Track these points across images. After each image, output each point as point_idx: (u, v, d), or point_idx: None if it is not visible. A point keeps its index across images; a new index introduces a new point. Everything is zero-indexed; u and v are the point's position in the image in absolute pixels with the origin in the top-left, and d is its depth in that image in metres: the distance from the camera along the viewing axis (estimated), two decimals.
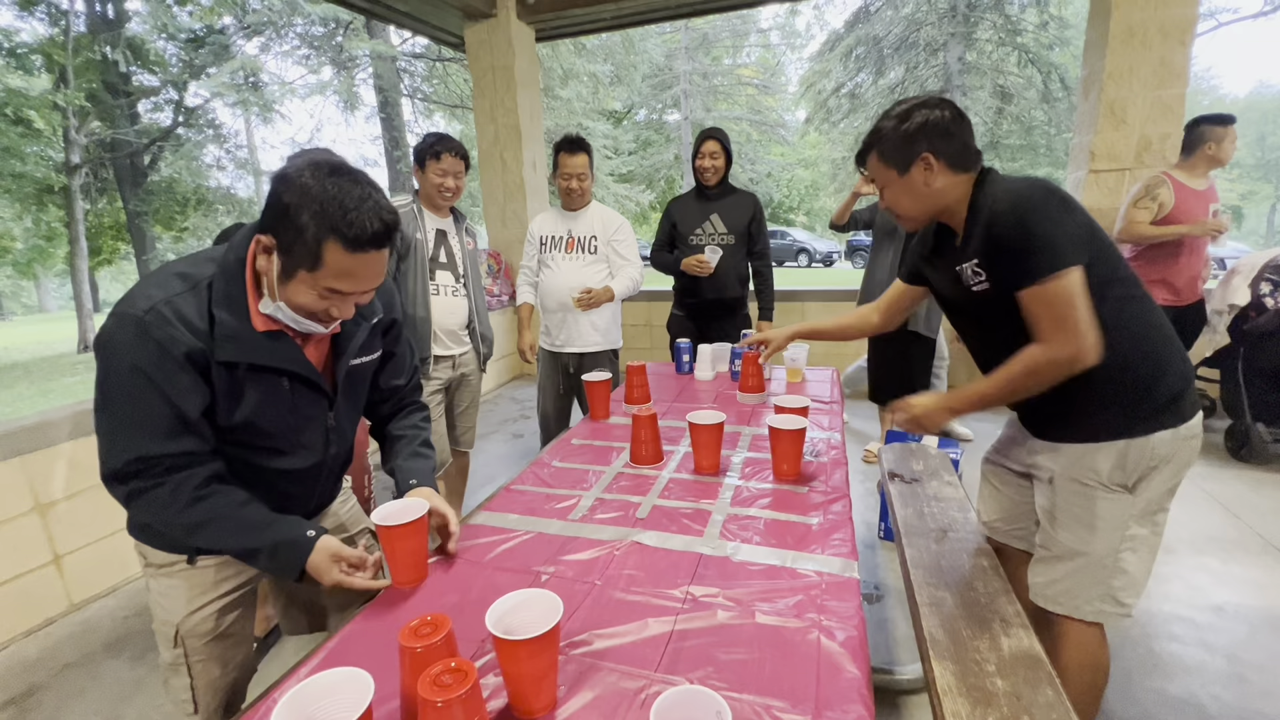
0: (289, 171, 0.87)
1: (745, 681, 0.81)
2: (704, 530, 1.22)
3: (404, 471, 1.22)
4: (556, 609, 0.78)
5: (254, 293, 0.95)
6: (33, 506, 2.13)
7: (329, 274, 0.89)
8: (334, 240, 0.86)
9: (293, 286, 0.91)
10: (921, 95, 1.24)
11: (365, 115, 14.80)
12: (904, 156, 1.19)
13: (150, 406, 0.89)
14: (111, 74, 12.53)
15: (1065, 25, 14.52)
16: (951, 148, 1.17)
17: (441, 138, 2.08)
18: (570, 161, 2.42)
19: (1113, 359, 1.11)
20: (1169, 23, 3.40)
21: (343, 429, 1.15)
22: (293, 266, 0.89)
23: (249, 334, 0.93)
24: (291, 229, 0.86)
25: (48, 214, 13.34)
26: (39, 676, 1.92)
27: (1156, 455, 1.14)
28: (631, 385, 2.00)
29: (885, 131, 1.22)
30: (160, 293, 0.89)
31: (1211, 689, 1.67)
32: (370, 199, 0.88)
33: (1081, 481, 1.19)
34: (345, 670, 0.71)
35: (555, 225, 2.58)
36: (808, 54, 21.07)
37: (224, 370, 0.93)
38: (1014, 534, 1.47)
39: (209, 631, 1.10)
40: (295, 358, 0.99)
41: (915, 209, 1.24)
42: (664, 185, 21.16)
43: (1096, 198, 3.72)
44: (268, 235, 0.89)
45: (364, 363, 1.15)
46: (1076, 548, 1.21)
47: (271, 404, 0.99)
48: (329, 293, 0.91)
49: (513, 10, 4.67)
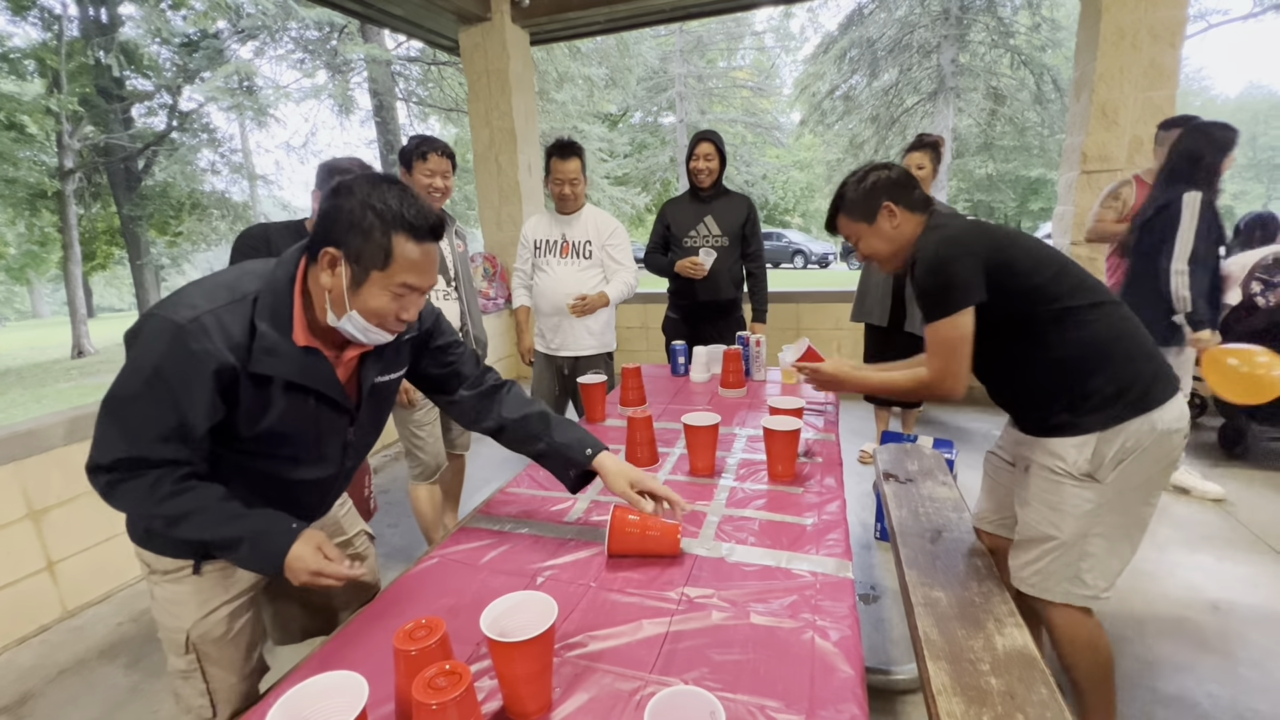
0: (344, 184, 0.93)
1: (740, 682, 0.81)
2: (699, 531, 1.23)
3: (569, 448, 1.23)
4: (551, 611, 0.78)
5: (301, 310, 0.97)
6: (26, 513, 2.12)
7: (401, 268, 0.92)
8: (402, 234, 0.91)
9: (366, 291, 0.93)
10: (869, 163, 1.46)
11: (360, 119, 14.76)
12: (869, 209, 1.39)
13: (158, 411, 0.89)
14: (105, 78, 12.48)
15: (1057, 27, 14.59)
16: (904, 196, 1.38)
17: (426, 139, 2.08)
18: (563, 166, 2.41)
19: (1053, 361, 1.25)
20: (1159, 25, 3.43)
21: (360, 444, 1.16)
22: (364, 270, 0.92)
23: (289, 349, 0.95)
24: (359, 234, 0.90)
25: (41, 219, 13.27)
26: (33, 684, 1.90)
27: (1126, 448, 1.20)
28: (627, 387, 2.00)
29: (848, 194, 1.42)
30: (206, 303, 0.90)
31: (1206, 686, 1.67)
32: (416, 198, 0.94)
33: (1051, 469, 1.27)
34: (340, 674, 0.71)
35: (549, 229, 2.57)
36: (802, 56, 21.16)
37: (254, 384, 0.94)
38: (1003, 524, 1.51)
39: (221, 636, 1.10)
40: (326, 377, 1.01)
41: (887, 250, 1.41)
42: (659, 188, 21.18)
43: (1089, 198, 3.74)
44: (333, 248, 0.92)
45: (390, 380, 1.15)
46: (1047, 532, 1.28)
47: (295, 418, 1.00)
48: (403, 289, 0.94)
49: (507, 14, 4.67)
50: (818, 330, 4.74)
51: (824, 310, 4.70)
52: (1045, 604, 1.31)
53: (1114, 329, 1.26)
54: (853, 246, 1.48)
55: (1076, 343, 1.24)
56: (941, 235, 1.29)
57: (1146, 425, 1.20)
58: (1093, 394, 1.23)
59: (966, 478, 2.93)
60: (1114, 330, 1.26)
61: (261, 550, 0.97)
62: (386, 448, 3.88)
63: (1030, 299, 1.24)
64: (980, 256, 1.24)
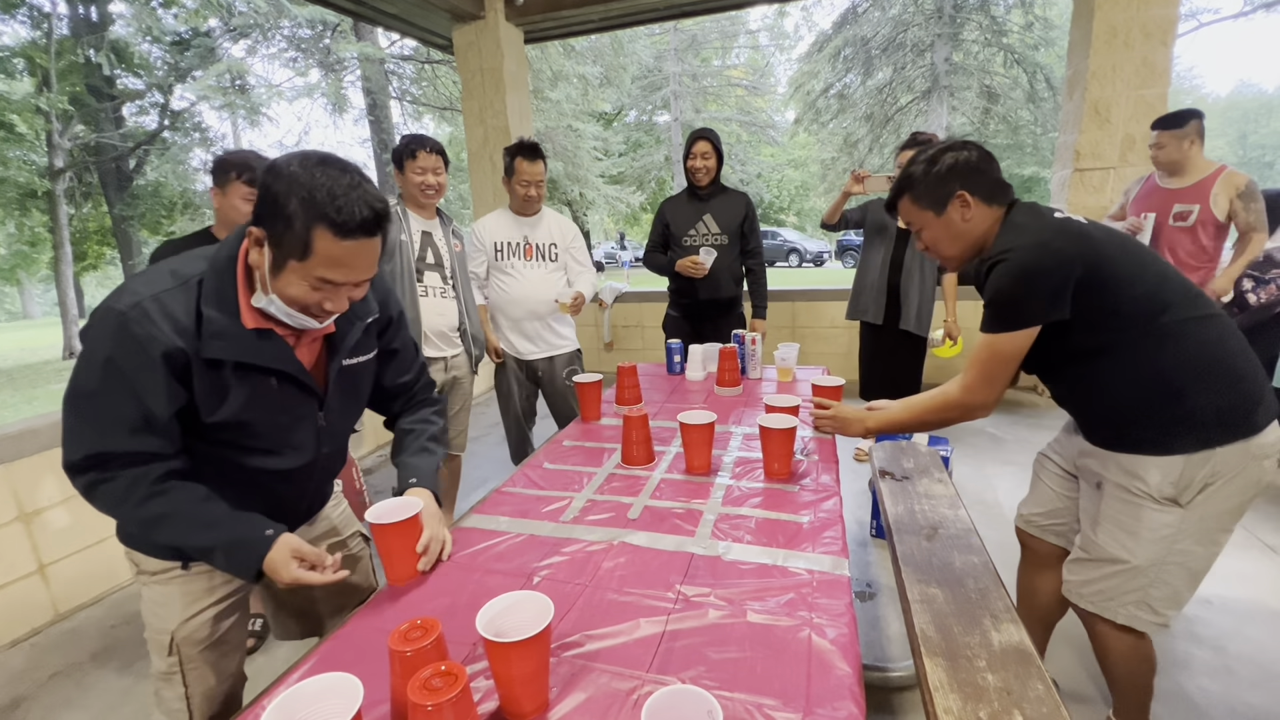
0: (278, 162, 0.88)
1: (737, 680, 0.81)
2: (695, 530, 1.23)
3: (406, 468, 1.22)
4: (547, 611, 0.78)
5: (245, 289, 0.94)
6: (17, 515, 2.10)
7: (319, 263, 0.88)
8: (323, 227, 0.86)
9: (284, 278, 0.90)
10: (945, 140, 1.29)
11: (354, 118, 14.72)
12: (940, 196, 1.23)
13: (117, 403, 0.88)
14: (95, 77, 12.36)
15: (1050, 26, 14.65)
16: (983, 184, 1.21)
17: (417, 137, 2.09)
18: (531, 168, 2.37)
19: (1151, 376, 1.13)
20: (1150, 23, 3.45)
21: (335, 429, 1.13)
22: (283, 257, 0.88)
23: (238, 331, 0.92)
24: (280, 219, 0.86)
25: (31, 219, 13.16)
26: (25, 688, 1.89)
27: (1215, 472, 1.11)
28: (623, 386, 2.00)
29: (916, 176, 1.25)
30: (147, 289, 0.88)
31: (1199, 681, 1.68)
32: (360, 187, 0.88)
33: (1130, 490, 1.18)
34: (335, 675, 0.71)
35: (509, 230, 2.50)
36: (796, 55, 21.17)
37: (208, 368, 0.92)
38: (1051, 529, 1.47)
39: (205, 639, 1.09)
40: (284, 356, 0.98)
41: (955, 246, 1.27)
42: (655, 186, 21.15)
43: (1082, 196, 3.76)
44: (259, 228, 0.89)
45: (358, 363, 1.13)
46: (1118, 555, 1.20)
47: (260, 403, 0.98)
48: (320, 283, 0.90)
49: (501, 12, 4.66)
50: (813, 328, 4.75)
51: (819, 308, 4.71)
52: (1098, 617, 1.26)
53: (1225, 344, 1.13)
54: (914, 233, 1.33)
55: (1181, 358, 1.11)
56: (1036, 240, 1.13)
57: (1239, 450, 1.10)
58: (1192, 414, 1.11)
59: (962, 474, 2.94)
60: (1225, 346, 1.13)
61: (237, 560, 0.96)
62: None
63: (1132, 309, 1.12)
64: (1074, 268, 1.10)
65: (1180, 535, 1.15)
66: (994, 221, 1.23)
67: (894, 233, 2.96)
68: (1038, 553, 1.52)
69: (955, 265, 1.31)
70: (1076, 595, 1.30)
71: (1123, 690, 1.34)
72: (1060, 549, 1.46)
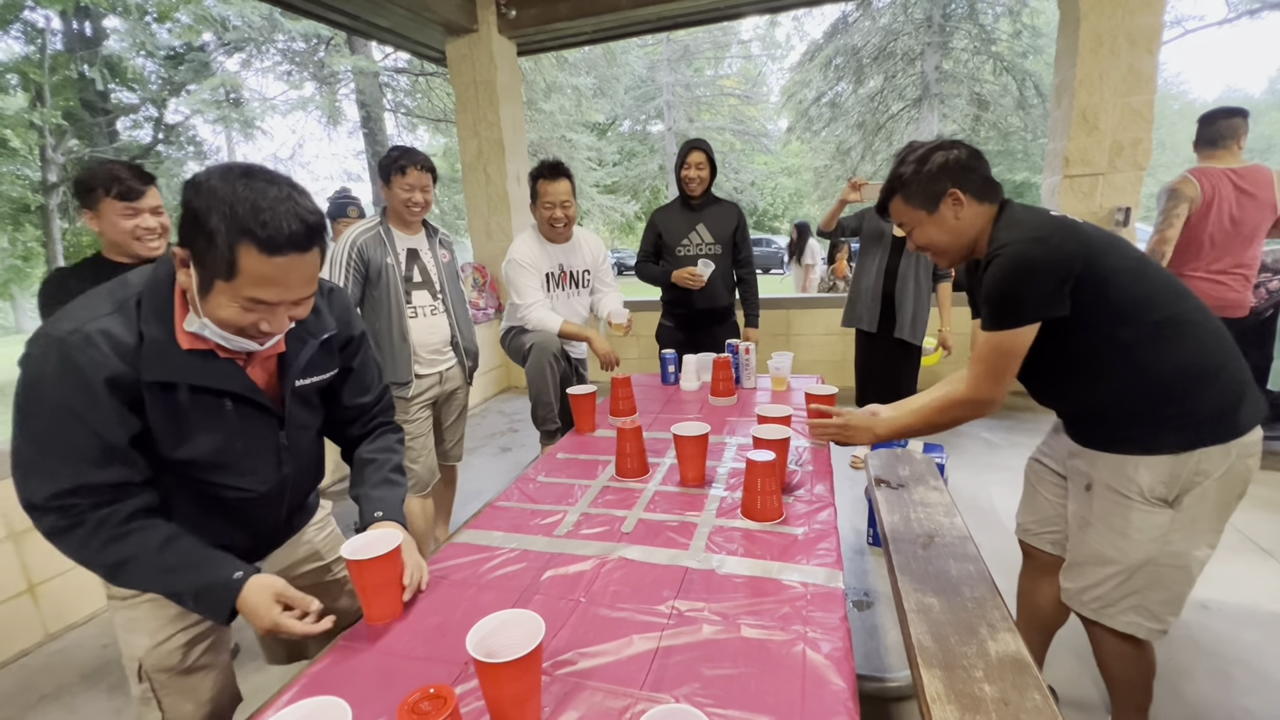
0: (198, 177, 0.82)
1: (731, 697, 0.80)
2: (689, 543, 1.22)
3: (370, 501, 1.14)
4: (538, 630, 0.77)
5: (181, 309, 0.89)
6: (6, 534, 2.07)
7: (247, 282, 0.82)
8: (247, 244, 0.80)
9: (214, 299, 0.84)
10: (933, 140, 1.29)
11: (348, 130, 14.70)
12: (930, 194, 1.23)
13: (71, 435, 0.83)
14: (89, 92, 12.40)
15: (1038, 34, 14.82)
16: (974, 181, 1.22)
17: (406, 151, 2.02)
18: (553, 188, 2.28)
19: (1149, 377, 1.13)
20: (1136, 31, 3.49)
21: (297, 448, 1.09)
22: (209, 278, 0.83)
23: (175, 352, 0.87)
24: (202, 235, 0.80)
25: (24, 233, 13.12)
26: (12, 711, 1.86)
27: (1202, 471, 1.12)
28: (616, 397, 1.99)
29: (907, 176, 1.25)
30: (86, 314, 0.84)
31: (1196, 686, 1.68)
32: (289, 199, 0.82)
33: (1120, 492, 1.18)
34: (323, 699, 0.70)
35: (546, 258, 2.41)
36: (788, 64, 21.33)
37: (159, 393, 0.88)
38: (1045, 536, 1.47)
39: (175, 666, 1.05)
40: (232, 376, 0.93)
41: (948, 244, 1.27)
42: (649, 195, 21.23)
43: (1072, 202, 3.79)
44: (182, 248, 0.83)
45: (313, 383, 1.07)
46: (1110, 556, 1.20)
47: (215, 427, 0.94)
48: (252, 304, 0.84)
49: (494, 25, 4.69)
50: (808, 336, 4.76)
51: (814, 316, 4.72)
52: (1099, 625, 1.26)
53: (1224, 345, 1.14)
54: (907, 234, 1.32)
55: (1179, 357, 1.12)
56: (1032, 236, 1.13)
57: (1224, 450, 1.11)
58: (1187, 414, 1.11)
59: (957, 482, 2.94)
60: (1224, 347, 1.14)
61: (206, 604, 0.93)
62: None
63: (1133, 309, 1.12)
64: (1072, 264, 1.10)
65: (1171, 536, 1.15)
66: (987, 219, 1.23)
67: (890, 241, 2.97)
68: (1038, 560, 1.52)
69: (948, 263, 1.31)
70: (1076, 603, 1.30)
71: (1122, 695, 1.34)
72: (1058, 557, 1.46)
